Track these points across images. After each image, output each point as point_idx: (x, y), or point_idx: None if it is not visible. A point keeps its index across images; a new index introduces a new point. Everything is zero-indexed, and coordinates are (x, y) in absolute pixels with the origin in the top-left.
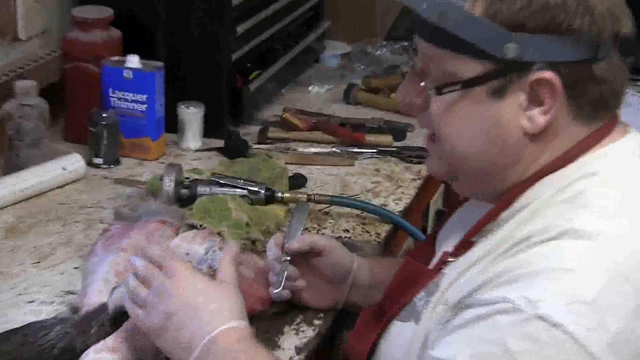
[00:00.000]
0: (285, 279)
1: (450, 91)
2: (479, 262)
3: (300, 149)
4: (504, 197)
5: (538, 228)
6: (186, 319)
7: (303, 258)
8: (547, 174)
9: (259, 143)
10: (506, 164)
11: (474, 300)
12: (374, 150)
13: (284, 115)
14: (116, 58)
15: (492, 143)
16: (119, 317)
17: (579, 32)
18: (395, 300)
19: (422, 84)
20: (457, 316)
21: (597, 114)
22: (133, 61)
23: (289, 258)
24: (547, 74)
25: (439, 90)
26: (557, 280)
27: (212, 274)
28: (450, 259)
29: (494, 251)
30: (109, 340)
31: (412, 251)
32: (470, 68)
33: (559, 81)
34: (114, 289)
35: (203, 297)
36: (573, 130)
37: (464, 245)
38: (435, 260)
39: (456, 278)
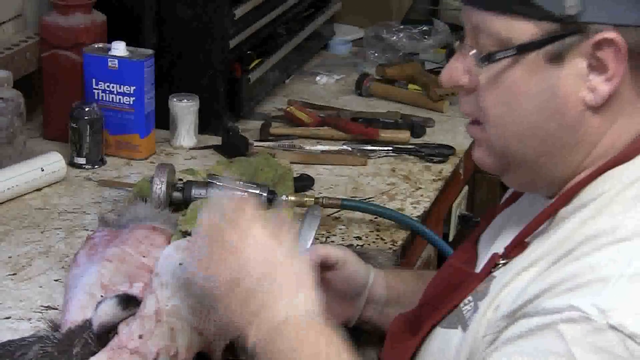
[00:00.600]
0: None
1: (502, 57)
2: (536, 264)
3: (306, 147)
4: (563, 191)
5: (606, 227)
6: (257, 287)
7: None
8: (611, 167)
9: (260, 140)
10: (565, 145)
11: (535, 308)
12: (390, 148)
13: (288, 109)
14: (100, 45)
15: (549, 118)
16: (105, 335)
17: None
18: (435, 307)
19: (472, 52)
20: (513, 325)
21: None
22: (119, 48)
23: None
24: (611, 34)
25: (491, 58)
26: (631, 286)
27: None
28: (501, 261)
29: (554, 252)
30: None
31: (452, 257)
32: (525, 31)
33: (625, 43)
34: (99, 303)
35: (277, 268)
36: (637, 109)
37: (517, 246)
38: (482, 264)
39: (509, 281)
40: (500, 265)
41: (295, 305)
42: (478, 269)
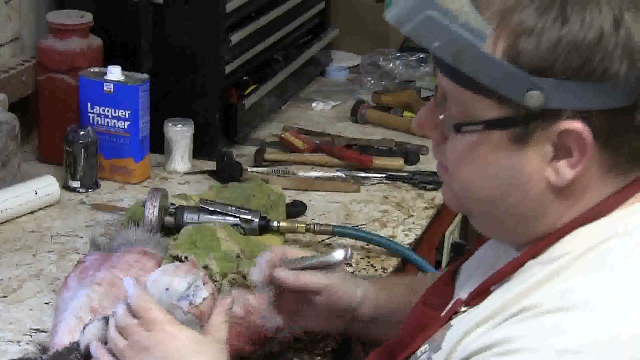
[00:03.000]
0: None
1: (468, 132)
2: (488, 321)
3: (300, 173)
4: (530, 247)
5: (553, 294)
6: None
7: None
8: (578, 227)
9: (254, 166)
10: (528, 217)
11: None
12: (383, 175)
13: (283, 135)
14: (96, 69)
15: (512, 193)
16: (92, 356)
17: (616, 77)
18: (404, 347)
19: (441, 117)
20: None
21: (634, 164)
22: (114, 73)
23: (272, 293)
24: (576, 125)
25: (457, 129)
26: None
27: (194, 311)
28: (462, 309)
29: (505, 309)
30: None
31: (429, 290)
32: (490, 110)
33: (590, 133)
34: (86, 325)
35: (183, 354)
36: (607, 182)
37: (480, 294)
38: (449, 306)
39: (462, 337)
40: (460, 313)
41: None
42: (445, 311)
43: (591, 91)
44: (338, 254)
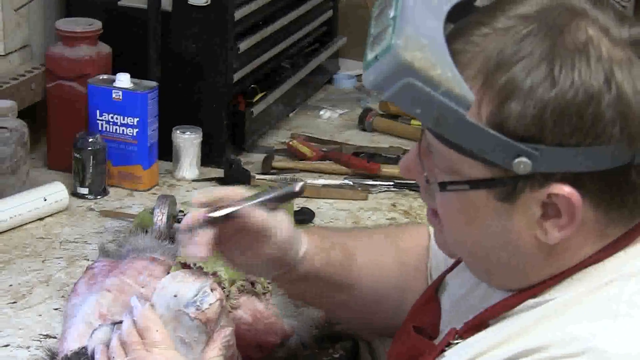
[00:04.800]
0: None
1: (453, 190)
2: (484, 355)
3: (308, 181)
4: (532, 288)
5: (557, 337)
6: None
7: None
8: (580, 269)
9: (262, 173)
10: (520, 270)
11: None
12: (391, 183)
13: (291, 143)
14: (104, 76)
15: (502, 249)
16: None
17: (609, 139)
18: None
19: (425, 174)
20: None
21: (633, 217)
22: (123, 80)
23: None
24: (565, 189)
25: (442, 187)
26: None
27: (201, 317)
28: (456, 340)
29: (503, 346)
30: None
31: (412, 311)
32: (476, 169)
33: (579, 197)
34: (94, 330)
35: None
36: (605, 236)
37: (475, 327)
38: (446, 327)
39: None
40: (453, 345)
41: None
42: (439, 338)
43: (582, 155)
44: (296, 186)
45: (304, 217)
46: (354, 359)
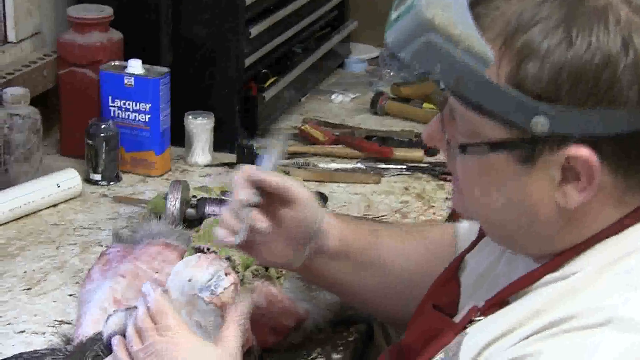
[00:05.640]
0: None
1: (474, 152)
2: (509, 334)
3: (320, 165)
4: (548, 263)
5: (581, 308)
6: None
7: (266, 204)
8: (599, 241)
9: None
10: (540, 237)
11: None
12: (403, 167)
13: (303, 127)
14: (116, 63)
15: (522, 214)
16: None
17: (625, 103)
18: (415, 354)
19: (446, 137)
20: None
21: None
22: (135, 66)
23: (258, 202)
24: (583, 151)
25: (462, 149)
26: None
27: (215, 301)
28: (478, 317)
29: (528, 323)
30: None
31: (432, 290)
32: (496, 131)
33: (597, 160)
34: (109, 316)
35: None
36: (623, 203)
37: (497, 304)
38: (465, 306)
39: (484, 347)
40: (475, 322)
41: None
42: (459, 315)
43: (599, 117)
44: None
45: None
46: (369, 342)
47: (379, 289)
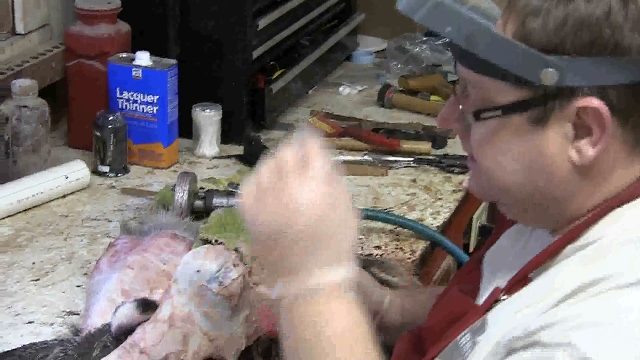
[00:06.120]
0: None
1: (487, 117)
2: (537, 303)
3: None
4: (569, 228)
5: (611, 271)
6: (301, 244)
7: None
8: (618, 205)
9: None
10: (555, 200)
11: (534, 341)
12: (411, 159)
13: (310, 120)
14: (124, 55)
15: (538, 176)
16: (123, 337)
17: (629, 51)
18: (438, 336)
19: (460, 107)
20: (510, 357)
21: None
22: (143, 58)
23: None
24: (593, 101)
25: (476, 116)
26: (629, 334)
27: (223, 292)
28: (502, 297)
29: (556, 293)
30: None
31: (456, 278)
32: (507, 94)
33: (607, 109)
34: (118, 307)
35: (331, 227)
36: (634, 160)
37: (519, 282)
38: (486, 291)
39: (510, 317)
40: (500, 301)
41: (333, 276)
42: (481, 297)
43: (605, 67)
44: None
45: None
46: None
47: None
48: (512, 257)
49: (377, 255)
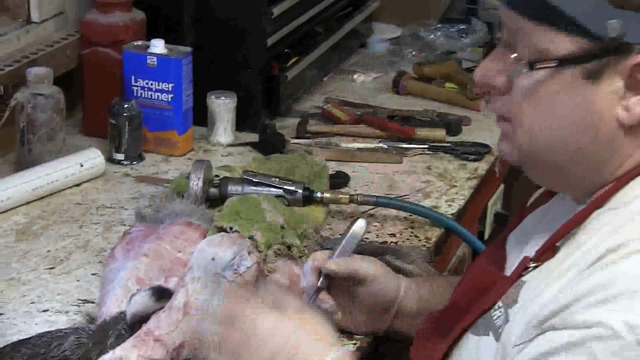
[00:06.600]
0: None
1: (543, 67)
2: (567, 272)
3: (342, 144)
4: (596, 196)
5: (636, 234)
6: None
7: (341, 283)
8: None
9: (297, 137)
10: (596, 158)
11: (564, 321)
12: (425, 146)
13: (325, 107)
14: (139, 43)
15: (582, 133)
16: (138, 326)
17: None
18: (465, 310)
19: (513, 55)
20: (543, 337)
21: None
22: (158, 46)
23: (323, 286)
24: None
25: (532, 66)
26: None
27: (238, 280)
28: (531, 265)
29: (584, 259)
30: (118, 350)
31: (480, 258)
32: (565, 45)
33: None
34: (133, 294)
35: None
36: None
37: (548, 250)
38: (512, 266)
39: (541, 289)
40: (530, 269)
41: None
42: (508, 272)
43: None
44: (360, 225)
45: (339, 181)
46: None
47: None
48: (539, 231)
49: (391, 242)
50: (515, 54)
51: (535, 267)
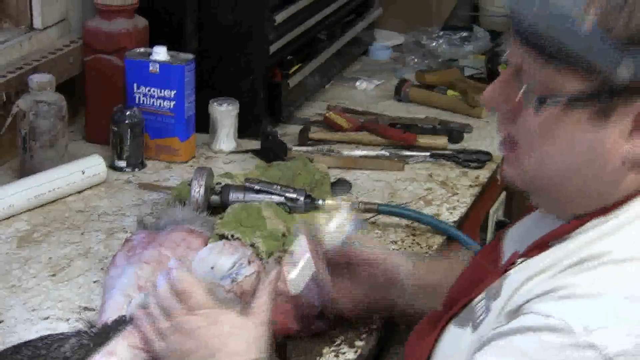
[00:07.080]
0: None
1: (552, 105)
2: (549, 269)
3: (344, 152)
4: (595, 211)
5: (618, 244)
6: None
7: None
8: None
9: (299, 145)
10: (599, 192)
11: (528, 308)
12: (427, 154)
13: (327, 114)
14: (141, 50)
15: (588, 168)
16: None
17: None
18: (454, 302)
19: (522, 90)
20: (510, 321)
21: None
22: (160, 53)
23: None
24: None
25: (541, 101)
26: (622, 308)
27: (235, 289)
28: (519, 260)
29: (566, 259)
30: (110, 345)
31: (480, 252)
32: (575, 83)
33: None
34: (133, 300)
35: (223, 339)
36: None
37: (538, 247)
38: (503, 262)
39: (522, 284)
40: (517, 264)
41: None
42: (500, 265)
43: None
44: (344, 210)
45: (341, 188)
46: (392, 330)
47: None
48: (535, 232)
49: (393, 249)
50: (525, 86)
51: (522, 262)
